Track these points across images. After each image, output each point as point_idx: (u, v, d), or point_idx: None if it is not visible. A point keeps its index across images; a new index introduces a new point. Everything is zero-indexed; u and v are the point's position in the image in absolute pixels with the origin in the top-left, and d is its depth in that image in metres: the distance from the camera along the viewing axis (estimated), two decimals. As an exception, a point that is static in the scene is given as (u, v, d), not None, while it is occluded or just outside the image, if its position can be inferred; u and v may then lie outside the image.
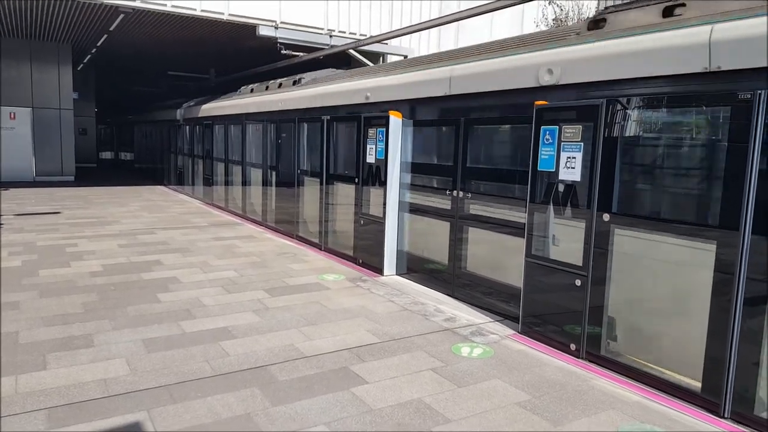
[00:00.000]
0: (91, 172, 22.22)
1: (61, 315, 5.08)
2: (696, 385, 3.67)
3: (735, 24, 3.48)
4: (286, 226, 9.67)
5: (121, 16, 12.97)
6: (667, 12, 4.10)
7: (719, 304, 3.51)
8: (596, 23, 4.66)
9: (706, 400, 3.58)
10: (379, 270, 7.00)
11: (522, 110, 5.01)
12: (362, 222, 7.35)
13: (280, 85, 10.83)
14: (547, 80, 4.76)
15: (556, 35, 5.16)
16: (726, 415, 3.49)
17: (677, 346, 3.97)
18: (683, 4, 4.00)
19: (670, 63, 3.82)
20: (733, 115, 3.46)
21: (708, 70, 3.57)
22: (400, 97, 6.79)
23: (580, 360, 4.37)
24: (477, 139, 5.89)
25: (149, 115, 21.52)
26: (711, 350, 3.56)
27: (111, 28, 14.67)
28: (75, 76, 19.32)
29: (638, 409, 3.60)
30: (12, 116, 17.85)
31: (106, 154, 33.18)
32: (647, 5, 4.24)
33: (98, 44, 17.31)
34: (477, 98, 5.68)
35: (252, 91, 12.12)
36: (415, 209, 6.79)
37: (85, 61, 20.75)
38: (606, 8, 4.72)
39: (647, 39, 4.00)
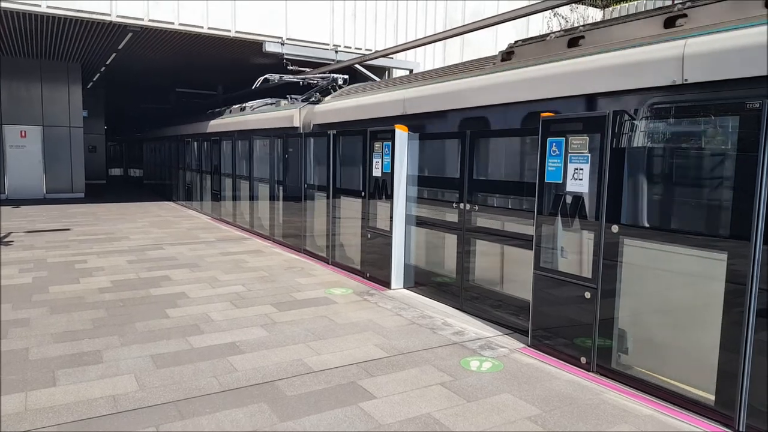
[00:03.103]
0: (101, 189, 22.44)
1: (71, 331, 5.10)
2: (709, 398, 3.62)
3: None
4: (294, 240, 9.69)
5: (130, 34, 13.17)
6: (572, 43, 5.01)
7: (731, 315, 3.47)
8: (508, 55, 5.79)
9: (720, 414, 3.52)
10: (386, 284, 6.99)
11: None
12: (369, 236, 7.36)
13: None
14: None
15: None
16: (740, 429, 3.43)
17: (689, 358, 3.92)
18: (583, 36, 4.89)
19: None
20: (741, 125, 3.45)
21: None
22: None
23: (590, 373, 4.33)
24: (483, 152, 5.90)
25: (158, 132, 21.75)
26: (724, 363, 3.51)
27: (120, 47, 14.90)
28: (84, 94, 19.61)
29: (651, 422, 3.55)
30: (23, 134, 18.10)
31: (116, 171, 33.54)
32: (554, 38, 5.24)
33: (107, 63, 17.57)
34: (481, 111, 5.71)
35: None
36: (422, 222, 6.78)
37: (94, 79, 21.05)
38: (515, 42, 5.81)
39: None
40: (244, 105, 12.88)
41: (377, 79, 13.28)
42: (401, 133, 6.71)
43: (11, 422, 3.40)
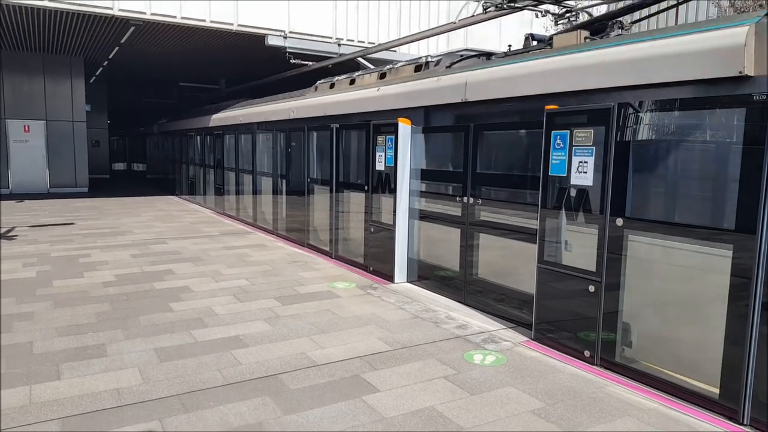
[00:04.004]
0: (105, 184, 22.48)
1: (75, 325, 5.11)
2: (713, 391, 3.61)
3: None
4: (297, 234, 9.69)
5: (132, 28, 13.15)
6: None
7: (736, 308, 3.45)
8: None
9: (725, 407, 3.51)
10: (389, 277, 6.98)
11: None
12: (372, 229, 7.35)
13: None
14: None
15: None
16: (745, 422, 3.42)
17: (694, 351, 3.90)
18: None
19: None
20: (747, 118, 3.42)
21: None
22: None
23: (594, 367, 4.32)
24: (487, 145, 5.87)
25: (162, 126, 21.73)
26: (728, 356, 3.50)
27: (122, 41, 14.88)
28: (87, 88, 19.59)
29: (655, 416, 3.54)
30: (26, 129, 18.13)
31: (119, 166, 33.63)
32: None
33: (110, 57, 17.55)
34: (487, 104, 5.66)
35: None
36: (426, 216, 6.76)
37: (97, 73, 21.04)
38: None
39: None
40: (421, 60, 7.50)
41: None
42: (404, 126, 6.69)
43: (16, 415, 3.42)
